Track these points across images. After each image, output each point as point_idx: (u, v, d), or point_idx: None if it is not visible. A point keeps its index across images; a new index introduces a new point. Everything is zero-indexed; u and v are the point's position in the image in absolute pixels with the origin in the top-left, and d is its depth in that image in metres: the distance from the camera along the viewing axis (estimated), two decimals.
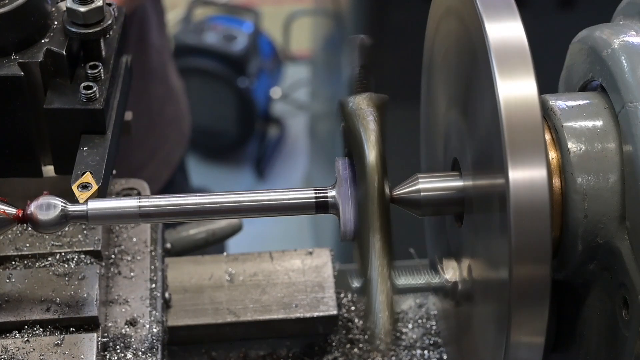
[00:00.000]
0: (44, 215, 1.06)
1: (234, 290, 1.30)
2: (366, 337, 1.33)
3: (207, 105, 3.93)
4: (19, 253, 1.20)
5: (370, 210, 1.03)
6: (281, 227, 2.62)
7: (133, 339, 1.17)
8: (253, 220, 1.52)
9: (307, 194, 1.08)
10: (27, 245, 1.21)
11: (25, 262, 1.20)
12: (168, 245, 1.33)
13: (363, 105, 1.07)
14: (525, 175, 0.93)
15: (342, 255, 1.41)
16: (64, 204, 1.06)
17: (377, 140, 1.04)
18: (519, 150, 0.93)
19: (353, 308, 1.34)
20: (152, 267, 1.24)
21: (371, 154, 1.04)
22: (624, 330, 1.01)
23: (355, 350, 1.32)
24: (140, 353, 1.15)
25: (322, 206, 1.08)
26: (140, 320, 1.18)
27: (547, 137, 1.04)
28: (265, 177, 4.13)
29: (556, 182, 1.03)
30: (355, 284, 1.07)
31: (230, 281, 1.30)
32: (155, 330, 1.18)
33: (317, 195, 1.08)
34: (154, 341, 1.17)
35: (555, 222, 1.03)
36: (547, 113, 1.05)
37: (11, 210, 1.07)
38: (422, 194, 1.08)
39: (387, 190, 1.05)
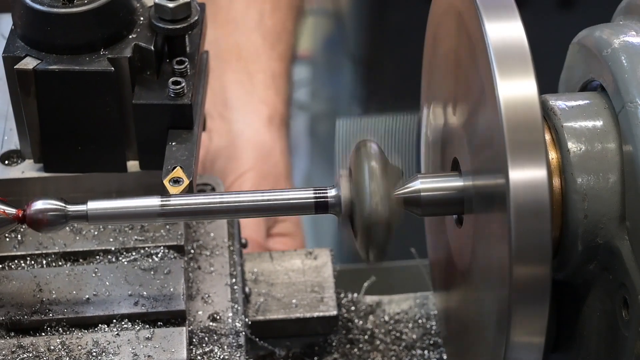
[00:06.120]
0: (43, 215, 1.06)
1: None
2: (366, 337, 1.33)
3: None
4: (103, 248, 1.20)
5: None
6: None
7: (217, 334, 1.17)
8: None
9: (307, 194, 1.08)
10: (111, 240, 1.21)
11: (109, 256, 1.20)
12: (244, 240, 1.32)
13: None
14: (525, 175, 0.93)
15: (342, 255, 1.41)
16: (63, 204, 1.06)
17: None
18: (519, 150, 0.93)
19: (353, 308, 1.34)
20: (231, 262, 1.24)
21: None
22: (624, 330, 1.01)
23: (355, 350, 1.32)
24: (225, 347, 1.15)
25: (322, 206, 1.08)
26: (223, 315, 1.18)
27: (547, 137, 1.04)
28: None
29: (556, 182, 1.03)
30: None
31: None
32: (238, 324, 1.18)
33: (317, 195, 1.08)
34: (238, 336, 1.17)
35: (555, 222, 1.02)
36: (547, 113, 1.05)
37: (11, 210, 1.07)
38: (422, 194, 1.08)
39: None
